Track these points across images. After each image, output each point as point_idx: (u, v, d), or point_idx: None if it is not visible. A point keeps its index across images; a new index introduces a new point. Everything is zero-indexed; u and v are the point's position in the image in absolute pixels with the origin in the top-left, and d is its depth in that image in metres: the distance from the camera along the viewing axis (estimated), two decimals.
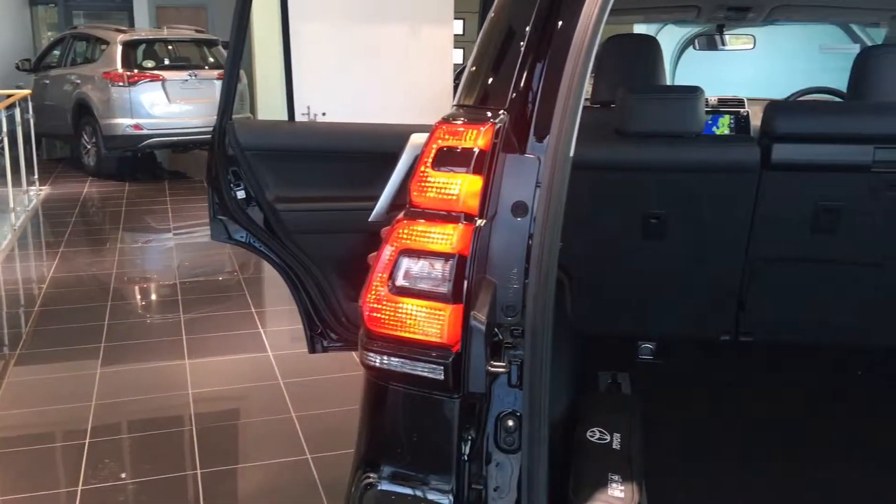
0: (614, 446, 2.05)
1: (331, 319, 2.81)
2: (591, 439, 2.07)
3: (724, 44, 4.90)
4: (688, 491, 2.10)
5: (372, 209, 1.94)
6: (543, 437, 1.66)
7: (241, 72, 10.18)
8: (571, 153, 1.61)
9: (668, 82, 5.27)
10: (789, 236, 2.68)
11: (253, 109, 10.23)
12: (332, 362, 4.04)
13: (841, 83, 3.74)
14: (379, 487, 1.62)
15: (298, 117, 7.34)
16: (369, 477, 1.63)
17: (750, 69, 7.74)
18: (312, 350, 2.87)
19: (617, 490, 1.87)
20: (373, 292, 1.57)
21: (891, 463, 2.28)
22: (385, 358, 1.57)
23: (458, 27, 9.82)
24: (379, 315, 1.56)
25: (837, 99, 3.69)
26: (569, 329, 2.71)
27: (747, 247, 2.71)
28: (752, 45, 4.77)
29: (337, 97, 8.38)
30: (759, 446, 2.37)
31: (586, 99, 3.67)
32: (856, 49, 5.90)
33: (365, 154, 2.64)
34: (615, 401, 2.48)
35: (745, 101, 4.01)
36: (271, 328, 5.14)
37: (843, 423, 2.51)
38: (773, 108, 2.61)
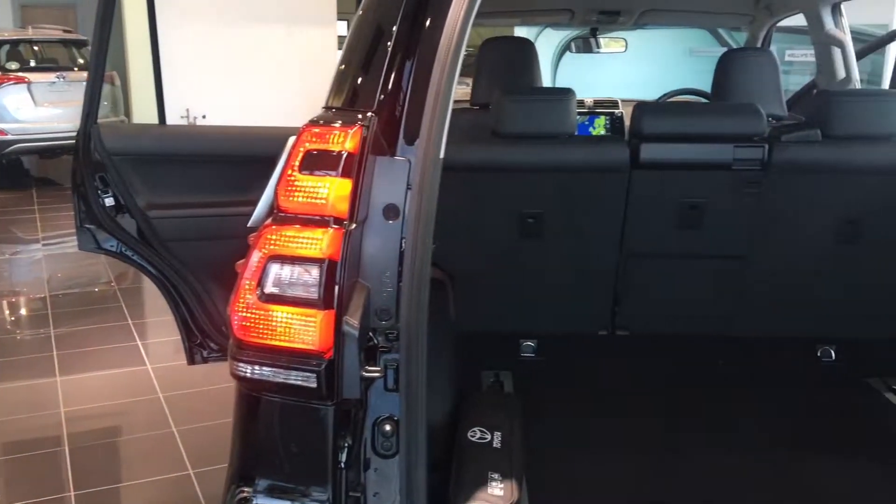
0: (495, 445, 2.07)
1: (210, 329, 2.73)
2: (472, 439, 2.08)
3: (598, 47, 5.03)
4: (568, 485, 2.14)
5: (250, 214, 1.89)
6: (421, 441, 1.65)
7: (115, 74, 9.78)
8: (442, 155, 1.60)
9: (550, 84, 5.41)
10: (659, 232, 2.78)
11: (128, 113, 9.84)
12: (213, 373, 3.89)
13: (708, 85, 3.92)
14: (254, 502, 1.57)
15: (177, 120, 7.11)
16: (244, 491, 1.58)
17: (629, 72, 8.01)
18: (192, 361, 2.79)
19: (497, 488, 1.88)
20: (241, 300, 1.52)
21: (760, 445, 2.40)
22: (256, 368, 1.53)
23: (342, 28, 9.75)
24: (248, 324, 1.52)
25: (704, 100, 3.86)
26: (451, 330, 2.72)
27: (620, 244, 2.80)
28: (624, 49, 4.93)
29: (218, 99, 8.17)
30: (638, 438, 2.44)
31: (466, 101, 3.73)
32: (722, 52, 6.20)
33: (242, 158, 2.57)
34: (496, 400, 2.50)
35: (619, 102, 4.14)
36: (150, 340, 4.95)
37: (714, 410, 2.62)
38: (640, 110, 2.70)
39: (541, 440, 2.34)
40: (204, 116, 8.05)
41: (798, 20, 4.08)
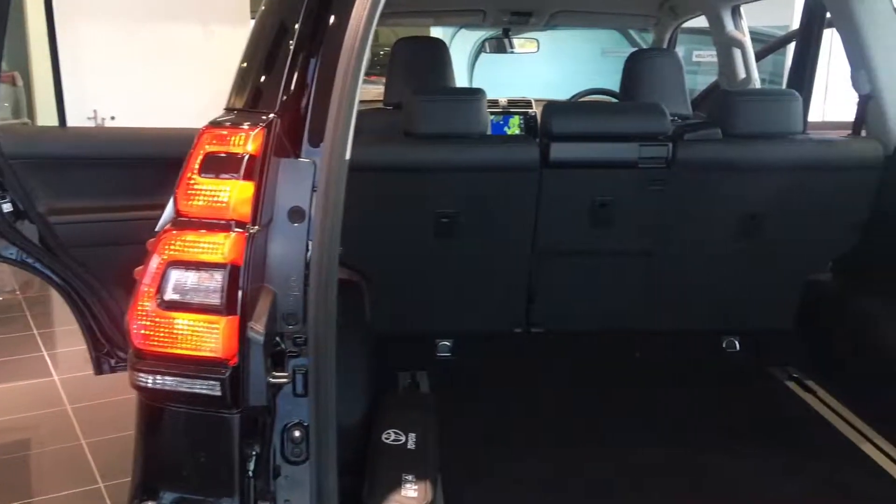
0: (409, 446, 2.07)
1: (117, 338, 2.65)
2: (387, 441, 2.07)
3: (512, 47, 5.08)
4: (484, 483, 2.15)
5: (158, 219, 1.83)
6: (332, 446, 1.64)
7: (16, 74, 9.37)
8: (348, 156, 1.59)
9: (467, 84, 5.44)
10: (570, 231, 2.83)
11: (31, 115, 9.46)
12: (121, 383, 3.78)
13: (618, 84, 4.01)
14: None
15: (84, 122, 6.86)
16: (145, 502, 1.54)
17: (545, 72, 8.11)
18: (99, 371, 2.70)
19: (410, 490, 1.88)
20: (140, 308, 1.48)
21: (671, 436, 2.46)
22: (157, 377, 1.49)
23: None
24: (148, 332, 1.48)
25: (613, 99, 3.95)
26: (366, 332, 2.71)
27: (533, 242, 2.83)
28: (536, 49, 4.99)
29: (128, 100, 7.91)
30: (554, 434, 2.47)
31: (379, 101, 3.72)
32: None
33: (148, 160, 2.50)
34: (411, 400, 2.50)
35: (533, 102, 4.20)
36: (57, 350, 4.76)
37: (627, 403, 2.68)
38: (549, 110, 2.74)
39: (457, 439, 2.35)
40: (113, 118, 7.80)
41: (705, 22, 4.22)
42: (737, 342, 3.04)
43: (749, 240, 2.83)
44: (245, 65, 1.72)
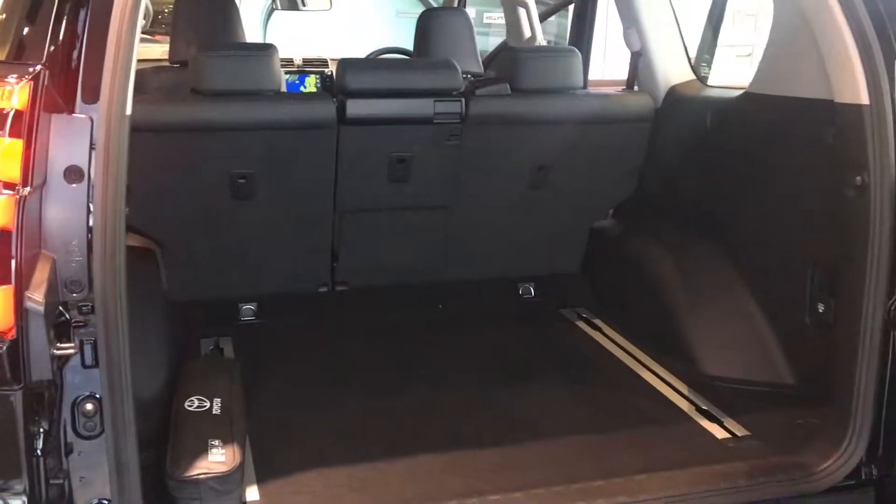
0: (214, 412, 2.02)
1: None
2: (190, 408, 2.01)
3: (304, 4, 4.98)
4: (294, 443, 2.14)
5: None
6: (129, 418, 1.57)
7: None
8: (129, 111, 1.51)
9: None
10: (370, 187, 2.84)
11: None
12: None
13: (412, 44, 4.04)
14: None
15: None
16: None
17: (341, 33, 8.02)
18: None
19: (218, 454, 1.84)
20: None
21: (477, 377, 2.58)
22: None
23: None
24: None
25: (407, 57, 3.98)
26: (163, 300, 2.60)
27: (334, 200, 2.82)
28: (329, 7, 4.92)
29: None
30: (364, 386, 2.51)
31: (164, 60, 3.52)
32: None
33: None
34: (214, 366, 2.43)
35: (329, 61, 4.15)
36: None
37: (433, 351, 2.77)
38: (344, 66, 2.72)
39: (265, 401, 2.32)
40: None
41: None
42: (531, 287, 3.21)
43: (538, 190, 2.98)
44: (4, 12, 1.57)
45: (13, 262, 1.36)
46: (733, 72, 4.05)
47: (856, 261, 1.99)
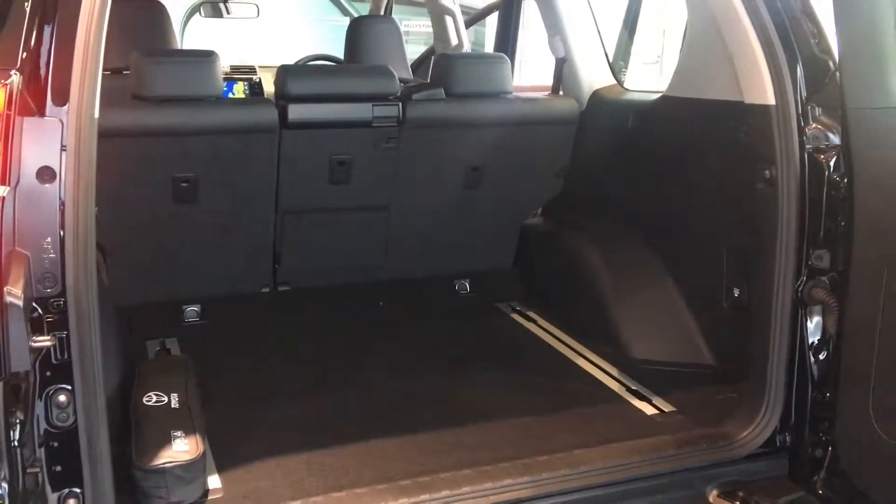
0: (173, 405, 2.08)
1: None
2: (149, 403, 2.07)
3: (229, 12, 5.01)
4: (249, 433, 2.22)
5: None
6: (101, 408, 1.63)
7: None
8: (97, 114, 1.58)
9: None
10: (311, 189, 2.93)
11: None
12: None
13: (333, 50, 4.13)
14: None
15: None
16: None
17: (260, 39, 8.02)
18: None
19: (181, 444, 1.91)
20: None
21: (418, 369, 2.70)
22: None
23: None
24: None
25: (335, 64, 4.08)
26: (107, 302, 2.62)
27: (276, 202, 2.90)
28: (256, 14, 4.97)
29: None
30: (310, 380, 2.60)
31: None
32: (345, 20, 6.51)
33: None
34: (168, 364, 2.48)
35: (257, 67, 4.20)
36: None
37: (375, 346, 2.88)
38: (285, 72, 2.80)
39: (217, 398, 2.39)
40: None
41: None
42: (467, 284, 3.35)
43: (473, 190, 3.12)
44: None
45: None
46: (641, 78, 4.30)
47: (766, 247, 2.19)
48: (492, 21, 4.59)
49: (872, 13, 1.87)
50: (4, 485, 1.47)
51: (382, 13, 4.69)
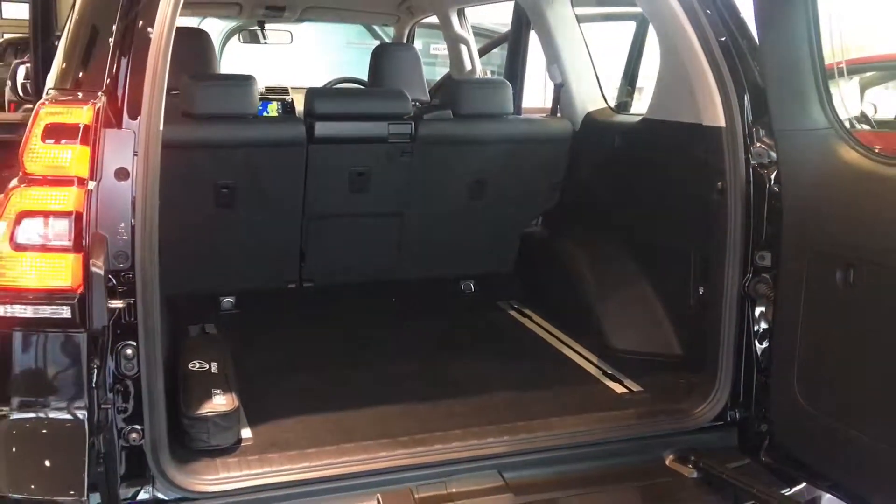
0: (213, 371, 2.49)
1: None
2: (193, 369, 2.48)
3: (265, 38, 5.44)
4: (275, 398, 2.62)
5: None
6: (158, 362, 2.04)
7: None
8: (161, 127, 2.00)
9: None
10: (334, 197, 3.35)
11: None
12: None
13: (363, 73, 4.56)
14: (11, 417, 1.84)
15: None
16: (1, 410, 1.85)
17: (297, 60, 8.50)
18: None
19: (220, 399, 2.31)
20: None
21: (426, 355, 3.07)
22: (9, 307, 1.81)
23: None
24: (2, 271, 1.80)
25: (361, 86, 4.51)
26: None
27: (303, 208, 3.32)
28: (290, 41, 5.42)
29: None
30: (328, 359, 3.00)
31: None
32: (375, 44, 6.96)
33: None
34: (207, 341, 2.90)
35: (290, 89, 4.64)
36: None
37: (390, 335, 3.27)
38: (313, 94, 3.24)
39: (249, 369, 2.79)
40: None
41: None
42: (472, 284, 3.74)
43: (477, 201, 3.52)
44: (68, 55, 2.05)
45: (84, 237, 1.84)
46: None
47: (719, 249, 2.55)
48: None
49: (791, 47, 2.25)
50: (85, 413, 1.88)
51: (405, 40, 5.13)
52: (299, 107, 4.37)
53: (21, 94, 3.90)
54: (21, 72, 3.90)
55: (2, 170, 3.59)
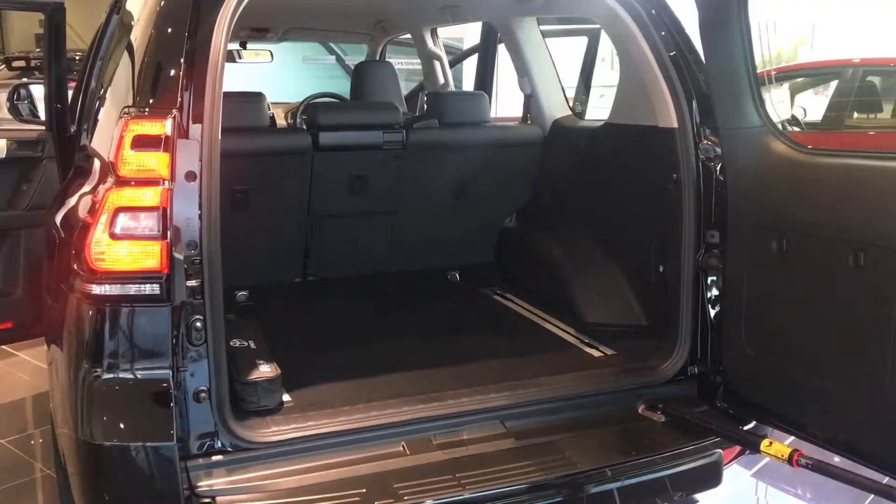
0: (252, 347, 2.88)
1: None
2: (236, 346, 2.86)
3: (241, 57, 5.79)
4: (305, 370, 3.01)
5: None
6: (221, 334, 2.43)
7: None
8: (219, 137, 2.40)
9: None
10: (335, 199, 3.76)
11: None
12: None
13: (322, 87, 4.96)
14: (103, 377, 2.22)
15: None
16: (96, 371, 2.23)
17: (257, 76, 8.84)
18: None
19: (265, 367, 2.71)
20: (95, 241, 2.18)
21: (421, 334, 3.50)
22: (107, 286, 2.20)
23: None
24: (102, 256, 2.19)
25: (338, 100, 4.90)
26: None
27: (308, 209, 3.72)
28: (270, 59, 5.80)
29: None
30: (337, 341, 3.40)
31: None
32: (331, 59, 7.37)
33: None
34: (241, 323, 3.28)
35: (270, 104, 5.03)
36: None
37: (388, 318, 3.70)
38: (315, 108, 3.65)
39: (277, 349, 3.17)
40: None
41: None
42: (457, 274, 4.19)
43: (461, 200, 3.97)
44: (145, 76, 2.43)
45: (169, 228, 2.24)
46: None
47: (676, 230, 3.03)
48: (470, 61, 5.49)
49: (729, 59, 2.74)
50: (170, 372, 2.27)
51: (378, 57, 5.56)
52: (280, 121, 4.79)
53: (22, 115, 4.17)
54: (22, 94, 4.19)
55: (22, 183, 3.94)
